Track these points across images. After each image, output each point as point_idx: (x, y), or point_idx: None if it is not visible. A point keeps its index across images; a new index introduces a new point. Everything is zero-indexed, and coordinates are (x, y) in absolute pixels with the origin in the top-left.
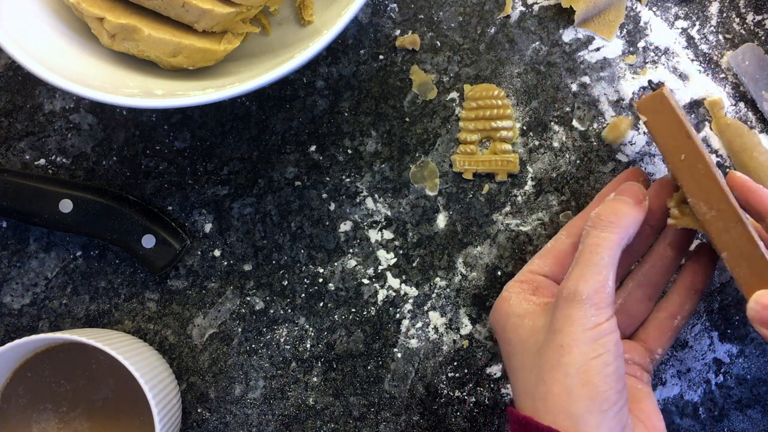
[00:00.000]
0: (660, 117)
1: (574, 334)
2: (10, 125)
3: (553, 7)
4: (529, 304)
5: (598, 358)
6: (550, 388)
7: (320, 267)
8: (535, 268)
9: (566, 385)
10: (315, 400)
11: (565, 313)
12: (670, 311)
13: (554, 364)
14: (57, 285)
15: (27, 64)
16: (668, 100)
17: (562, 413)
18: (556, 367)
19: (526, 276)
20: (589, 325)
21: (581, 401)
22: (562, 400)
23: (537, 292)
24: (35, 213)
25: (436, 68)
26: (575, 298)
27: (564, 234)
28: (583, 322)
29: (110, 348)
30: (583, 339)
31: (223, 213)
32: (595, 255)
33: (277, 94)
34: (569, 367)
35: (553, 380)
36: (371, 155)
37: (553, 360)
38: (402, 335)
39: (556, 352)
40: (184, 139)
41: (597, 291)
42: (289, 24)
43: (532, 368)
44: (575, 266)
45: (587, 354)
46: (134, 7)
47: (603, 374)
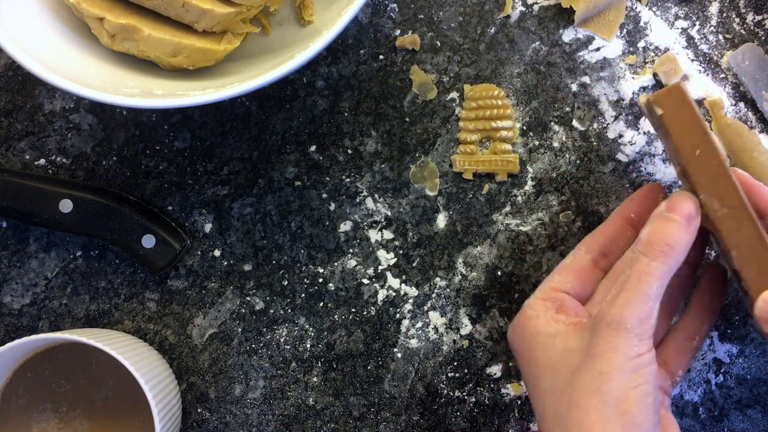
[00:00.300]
0: (677, 111)
1: (616, 362)
2: (10, 125)
3: (553, 7)
4: (558, 324)
5: (637, 388)
6: (587, 415)
7: (320, 267)
8: (556, 285)
9: (604, 413)
10: (315, 400)
11: (607, 340)
12: (689, 332)
13: (592, 390)
14: (57, 285)
15: (27, 64)
16: (686, 94)
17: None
18: (594, 394)
19: (549, 294)
20: (632, 355)
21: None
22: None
23: (561, 311)
24: (35, 213)
25: (436, 68)
26: (620, 327)
27: (583, 250)
28: (626, 351)
29: (110, 348)
30: (625, 368)
31: (223, 213)
32: (644, 284)
33: (277, 94)
34: (608, 395)
35: (590, 406)
36: (371, 155)
37: (591, 386)
38: (402, 335)
39: (595, 379)
40: (184, 139)
41: (642, 322)
42: (289, 24)
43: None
44: (621, 292)
45: (627, 383)
46: (134, 7)
47: (642, 405)
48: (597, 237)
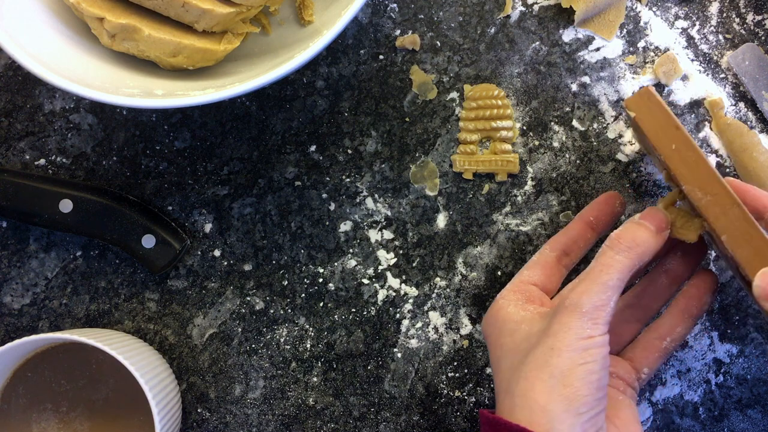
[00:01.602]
0: (648, 112)
1: (567, 340)
2: (10, 125)
3: (553, 7)
4: (525, 312)
5: (584, 365)
6: (532, 385)
7: (320, 267)
8: (525, 278)
9: (549, 384)
10: (315, 400)
11: (563, 320)
12: (660, 332)
13: (541, 364)
14: (57, 285)
15: (27, 64)
16: (654, 95)
17: (539, 410)
18: (543, 367)
19: (519, 286)
20: (583, 335)
21: (560, 401)
22: (542, 397)
23: (530, 301)
24: (35, 213)
25: (436, 68)
26: (576, 309)
27: (548, 248)
28: (578, 332)
29: (110, 348)
30: (575, 346)
31: (223, 213)
32: (604, 274)
33: (277, 94)
34: (555, 369)
35: (537, 378)
36: (371, 155)
37: (540, 360)
38: (402, 335)
39: (545, 354)
40: (184, 139)
41: (597, 308)
42: (289, 24)
43: (518, 367)
44: (583, 280)
45: (575, 360)
46: (134, 7)
47: (586, 380)
48: (560, 237)
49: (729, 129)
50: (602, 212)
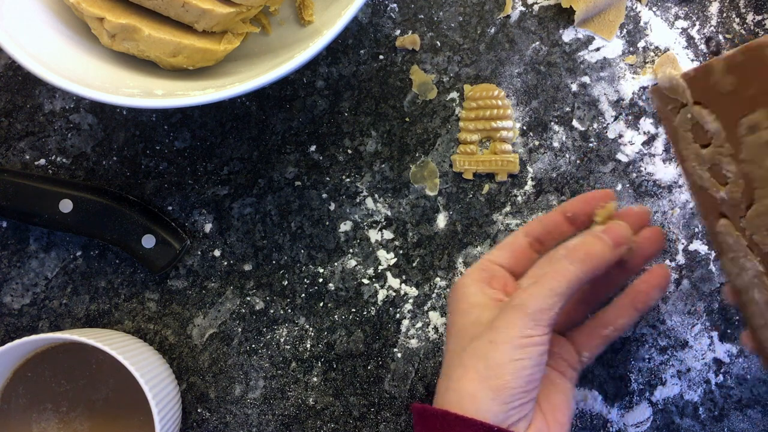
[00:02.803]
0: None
1: (507, 336)
2: (10, 125)
3: (553, 7)
4: (483, 296)
5: (518, 361)
6: (466, 373)
7: (320, 267)
8: (494, 258)
9: (482, 374)
10: (315, 400)
11: (507, 317)
12: (603, 320)
13: (479, 355)
14: (57, 285)
15: (27, 64)
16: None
17: (468, 396)
18: (480, 358)
19: (485, 264)
20: (523, 335)
21: (489, 390)
22: (473, 385)
23: (492, 282)
24: (35, 213)
25: (436, 68)
26: (521, 309)
27: (522, 233)
28: (519, 330)
29: (110, 348)
30: (513, 343)
31: (223, 213)
32: (555, 281)
33: (277, 94)
34: (491, 361)
35: (472, 367)
36: (371, 155)
37: (480, 351)
38: (402, 335)
39: (485, 346)
40: (184, 139)
41: (542, 311)
42: (289, 24)
43: (459, 353)
44: (534, 284)
45: (511, 355)
46: (134, 7)
47: (517, 375)
48: (537, 225)
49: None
50: (582, 209)
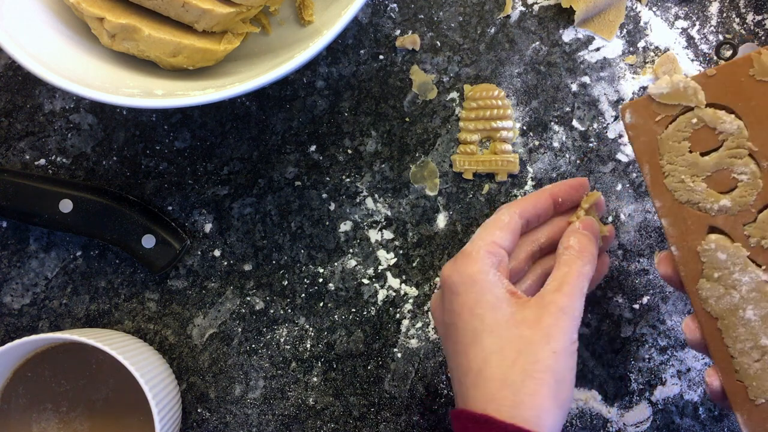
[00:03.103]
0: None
1: (564, 344)
2: (10, 125)
3: (553, 7)
4: (503, 288)
5: (573, 370)
6: (540, 387)
7: (320, 267)
8: (498, 240)
9: (553, 388)
10: (315, 400)
11: (560, 324)
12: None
13: (547, 367)
14: (57, 285)
15: (27, 64)
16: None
17: (543, 412)
18: (548, 371)
19: (492, 247)
20: (573, 340)
21: (557, 404)
22: (547, 401)
23: (500, 268)
24: (35, 213)
25: (436, 68)
26: (567, 313)
27: (517, 214)
28: (571, 336)
29: (110, 348)
30: (569, 350)
31: (223, 213)
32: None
33: (277, 94)
34: (558, 374)
35: (544, 381)
36: (371, 155)
37: (547, 362)
38: (402, 335)
39: (549, 357)
40: (184, 139)
41: (580, 313)
42: (289, 24)
43: (517, 360)
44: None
45: (569, 364)
46: (134, 7)
47: (572, 384)
48: (529, 207)
49: None
50: (570, 196)
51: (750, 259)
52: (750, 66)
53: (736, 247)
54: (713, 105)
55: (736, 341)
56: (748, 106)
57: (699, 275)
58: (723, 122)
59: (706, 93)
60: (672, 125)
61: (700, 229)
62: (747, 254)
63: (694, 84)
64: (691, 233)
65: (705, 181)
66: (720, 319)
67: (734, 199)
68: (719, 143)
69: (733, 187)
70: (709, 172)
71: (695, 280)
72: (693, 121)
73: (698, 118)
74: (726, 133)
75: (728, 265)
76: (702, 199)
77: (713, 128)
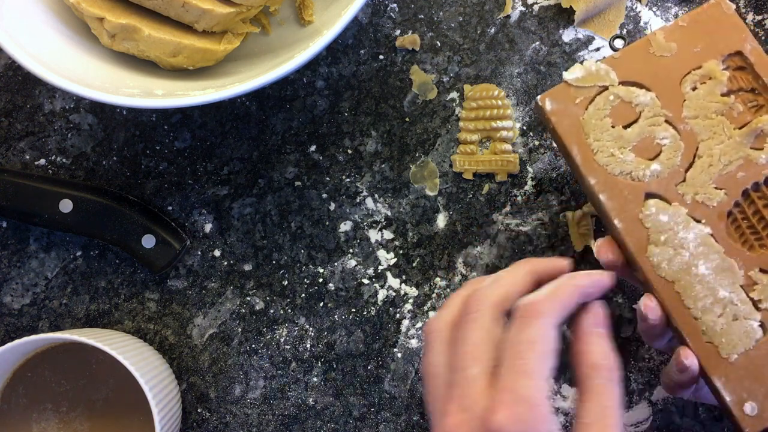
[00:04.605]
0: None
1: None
2: (10, 125)
3: (553, 7)
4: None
5: None
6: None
7: (320, 267)
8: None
9: None
10: (315, 400)
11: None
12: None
13: None
14: (57, 285)
15: (27, 64)
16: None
17: None
18: None
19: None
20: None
21: None
22: None
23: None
24: (35, 213)
25: (436, 68)
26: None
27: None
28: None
29: (110, 348)
30: None
31: (223, 213)
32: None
33: (277, 94)
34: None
35: None
36: (371, 155)
37: None
38: (402, 335)
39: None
40: (184, 139)
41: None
42: (289, 24)
43: None
44: (612, 428)
45: None
46: (134, 7)
47: None
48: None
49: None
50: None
51: (689, 215)
52: (648, 46)
53: (675, 206)
54: (625, 83)
55: (696, 300)
56: (655, 79)
57: (647, 242)
58: (637, 96)
59: (617, 73)
60: (591, 105)
61: (638, 197)
62: (686, 211)
63: (605, 65)
64: (629, 203)
65: (632, 150)
66: (676, 282)
67: (662, 162)
68: (638, 115)
69: (659, 152)
70: (634, 142)
71: (644, 249)
72: (610, 98)
73: (615, 95)
74: (642, 105)
75: (672, 225)
76: (633, 168)
77: (630, 102)
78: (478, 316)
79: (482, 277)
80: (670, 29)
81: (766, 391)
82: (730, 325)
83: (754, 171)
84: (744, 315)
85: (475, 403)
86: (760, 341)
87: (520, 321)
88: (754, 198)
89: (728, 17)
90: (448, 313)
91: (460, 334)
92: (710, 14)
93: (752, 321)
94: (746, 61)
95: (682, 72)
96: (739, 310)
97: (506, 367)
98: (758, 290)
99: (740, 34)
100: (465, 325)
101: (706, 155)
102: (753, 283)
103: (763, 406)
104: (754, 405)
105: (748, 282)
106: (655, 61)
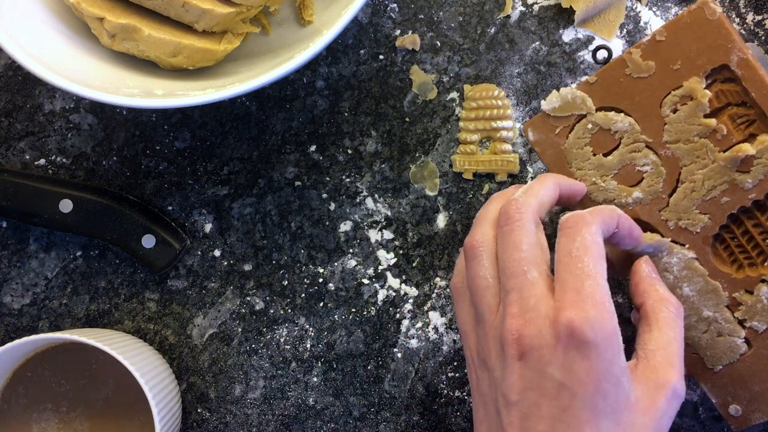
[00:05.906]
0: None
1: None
2: (10, 125)
3: (553, 7)
4: (624, 358)
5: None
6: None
7: (320, 267)
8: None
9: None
10: (315, 400)
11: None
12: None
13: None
14: (57, 285)
15: (27, 64)
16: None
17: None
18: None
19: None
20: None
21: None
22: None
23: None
24: (35, 213)
25: (436, 68)
26: (680, 396)
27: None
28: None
29: (110, 348)
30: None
31: (223, 213)
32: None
33: (277, 94)
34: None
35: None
36: (371, 155)
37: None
38: (402, 335)
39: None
40: (184, 139)
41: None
42: (289, 24)
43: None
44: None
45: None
46: (134, 7)
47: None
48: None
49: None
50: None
51: (673, 241)
52: (625, 66)
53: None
54: (603, 108)
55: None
56: (633, 103)
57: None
58: (615, 122)
59: (593, 99)
60: (571, 134)
61: None
62: (669, 239)
63: (581, 93)
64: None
65: (614, 178)
66: None
67: (644, 189)
68: (617, 141)
69: (641, 179)
70: (616, 170)
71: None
72: (589, 127)
73: (593, 123)
74: (621, 131)
75: (655, 253)
76: (616, 195)
77: (608, 129)
78: (524, 222)
79: (507, 189)
80: (648, 46)
81: (751, 395)
82: (715, 340)
83: (740, 196)
84: (728, 332)
85: (540, 303)
86: (745, 355)
87: (569, 231)
88: (743, 219)
89: (712, 25)
90: (488, 225)
91: (508, 242)
92: (691, 23)
93: (736, 338)
94: (734, 73)
95: (661, 93)
96: (724, 328)
97: (565, 271)
98: (743, 311)
99: (726, 44)
100: (511, 232)
101: (689, 180)
102: (738, 304)
103: (748, 408)
104: (738, 408)
105: (734, 302)
106: (633, 84)
